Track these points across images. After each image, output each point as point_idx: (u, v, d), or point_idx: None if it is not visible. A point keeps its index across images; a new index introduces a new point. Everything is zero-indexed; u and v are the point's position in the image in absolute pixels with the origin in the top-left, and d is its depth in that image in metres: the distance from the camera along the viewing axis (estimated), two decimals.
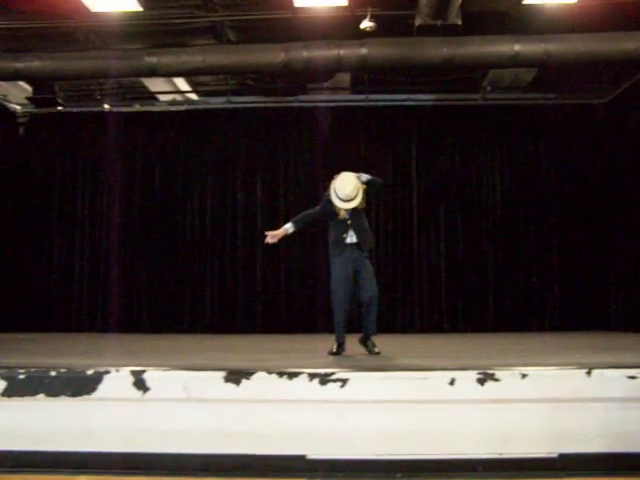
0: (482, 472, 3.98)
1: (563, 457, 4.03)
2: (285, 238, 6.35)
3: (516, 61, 9.12)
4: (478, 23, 9.34)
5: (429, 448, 4.07)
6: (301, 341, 9.07)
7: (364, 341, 6.23)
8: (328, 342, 6.36)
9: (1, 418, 4.24)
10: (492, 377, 4.16)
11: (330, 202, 5.96)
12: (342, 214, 5.98)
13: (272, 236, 6.21)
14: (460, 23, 8.75)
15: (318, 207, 6.22)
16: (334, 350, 6.14)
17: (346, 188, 5.84)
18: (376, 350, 6.10)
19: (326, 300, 11.35)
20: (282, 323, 11.53)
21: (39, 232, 12.21)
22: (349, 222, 6.00)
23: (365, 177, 6.00)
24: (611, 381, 4.18)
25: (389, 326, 11.55)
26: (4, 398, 4.24)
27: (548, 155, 12.00)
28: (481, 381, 4.15)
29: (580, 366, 4.31)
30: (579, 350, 6.53)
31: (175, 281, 11.98)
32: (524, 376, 4.18)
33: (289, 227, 6.20)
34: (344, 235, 6.01)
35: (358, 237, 6.03)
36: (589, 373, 4.19)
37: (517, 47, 8.88)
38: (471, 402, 4.15)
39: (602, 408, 4.13)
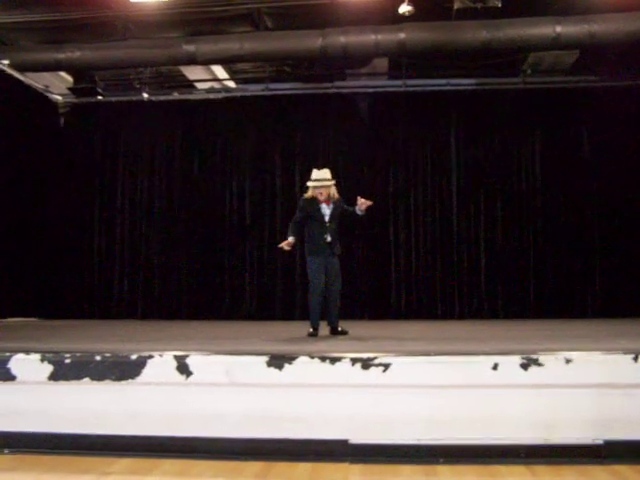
0: (525, 458, 3.94)
1: (609, 444, 3.97)
2: None
3: (558, 43, 8.94)
4: (518, 5, 9.16)
5: (472, 433, 4.04)
6: (341, 327, 9.03)
7: (334, 331, 6.97)
8: (368, 328, 6.34)
9: (47, 401, 4.32)
10: (536, 362, 4.11)
11: (309, 202, 6.84)
12: (321, 198, 6.79)
13: (287, 244, 6.81)
14: (500, 5, 8.59)
15: (297, 214, 6.95)
16: (311, 332, 6.72)
17: (318, 173, 6.87)
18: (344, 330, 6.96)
19: (364, 287, 11.48)
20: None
21: (80, 221, 12.41)
22: (328, 225, 6.82)
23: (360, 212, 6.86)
24: None
25: (429, 313, 11.54)
26: (51, 382, 4.32)
27: (590, 139, 11.79)
28: (525, 366, 4.10)
29: (626, 351, 4.23)
30: (624, 336, 6.42)
31: (215, 268, 12.08)
32: (568, 361, 4.12)
33: (291, 238, 6.83)
34: (325, 236, 6.79)
35: (332, 239, 6.84)
36: (636, 359, 4.11)
37: (559, 29, 8.73)
38: (514, 387, 4.11)
39: None
